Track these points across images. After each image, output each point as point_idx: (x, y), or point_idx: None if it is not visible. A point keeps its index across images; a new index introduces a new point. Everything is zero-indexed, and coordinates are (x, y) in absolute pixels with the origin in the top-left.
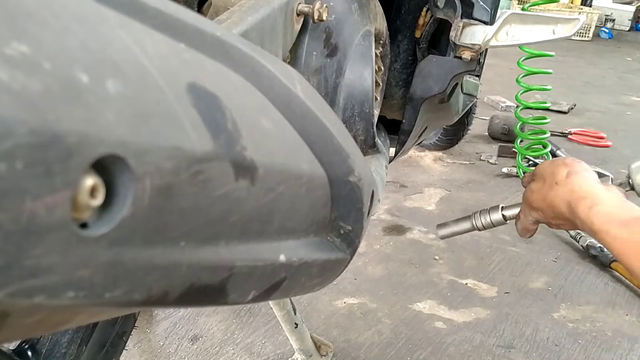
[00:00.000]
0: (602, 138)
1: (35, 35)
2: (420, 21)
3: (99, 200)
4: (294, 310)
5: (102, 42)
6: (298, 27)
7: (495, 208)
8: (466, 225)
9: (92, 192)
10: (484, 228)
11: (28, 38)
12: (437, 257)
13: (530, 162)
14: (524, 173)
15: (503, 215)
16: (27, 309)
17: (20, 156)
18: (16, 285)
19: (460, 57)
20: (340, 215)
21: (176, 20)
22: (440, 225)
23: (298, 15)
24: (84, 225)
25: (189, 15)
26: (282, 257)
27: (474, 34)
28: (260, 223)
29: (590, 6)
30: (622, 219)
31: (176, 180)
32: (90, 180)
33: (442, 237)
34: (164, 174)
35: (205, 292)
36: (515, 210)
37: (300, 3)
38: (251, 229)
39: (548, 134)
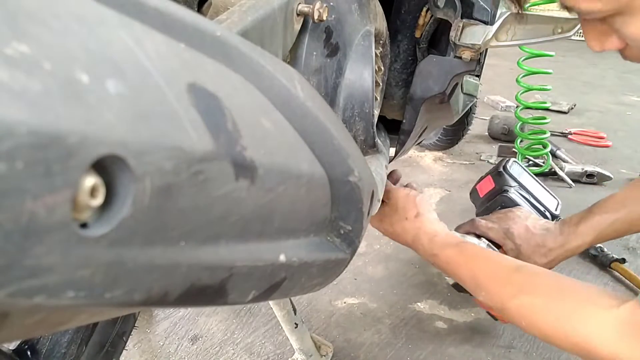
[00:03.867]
0: (602, 138)
1: (35, 35)
2: (420, 21)
3: (99, 200)
4: (294, 310)
5: (102, 42)
6: (298, 27)
7: None
8: None
9: (92, 192)
10: None
11: (28, 38)
12: None
13: (530, 162)
14: None
15: None
16: (27, 309)
17: (20, 156)
18: (16, 285)
19: (460, 57)
20: (340, 215)
21: (176, 20)
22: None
23: (298, 15)
24: (83, 226)
25: (189, 15)
26: (282, 257)
27: (474, 34)
28: (260, 223)
29: None
30: (452, 243)
31: (176, 180)
32: (90, 181)
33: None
34: (164, 174)
35: (205, 292)
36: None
37: (300, 3)
38: (251, 229)
39: (548, 134)
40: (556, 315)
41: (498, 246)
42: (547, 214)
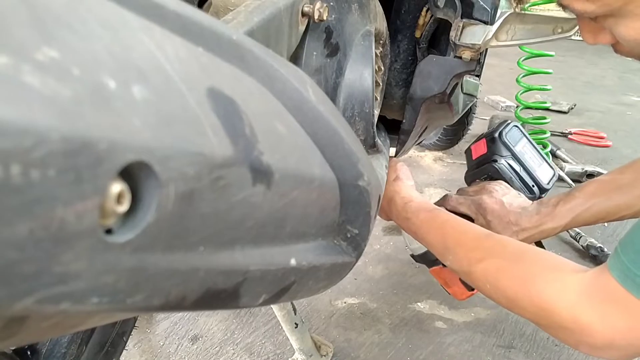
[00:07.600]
0: (602, 138)
1: (63, 40)
2: (420, 21)
3: (124, 206)
4: (294, 310)
5: (126, 47)
6: (303, 28)
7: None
8: None
9: (119, 198)
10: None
11: (57, 43)
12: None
13: None
14: None
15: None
16: (48, 312)
17: (52, 163)
18: (44, 291)
19: (460, 57)
20: (348, 218)
21: (194, 23)
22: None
23: (303, 16)
24: (109, 232)
25: (205, 18)
26: (292, 261)
27: (474, 34)
28: (274, 227)
29: None
30: (426, 208)
31: (198, 186)
32: (117, 187)
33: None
34: (187, 180)
35: (220, 296)
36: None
37: (305, 4)
38: (265, 234)
39: (548, 134)
40: (521, 277)
41: (470, 220)
42: (536, 188)
